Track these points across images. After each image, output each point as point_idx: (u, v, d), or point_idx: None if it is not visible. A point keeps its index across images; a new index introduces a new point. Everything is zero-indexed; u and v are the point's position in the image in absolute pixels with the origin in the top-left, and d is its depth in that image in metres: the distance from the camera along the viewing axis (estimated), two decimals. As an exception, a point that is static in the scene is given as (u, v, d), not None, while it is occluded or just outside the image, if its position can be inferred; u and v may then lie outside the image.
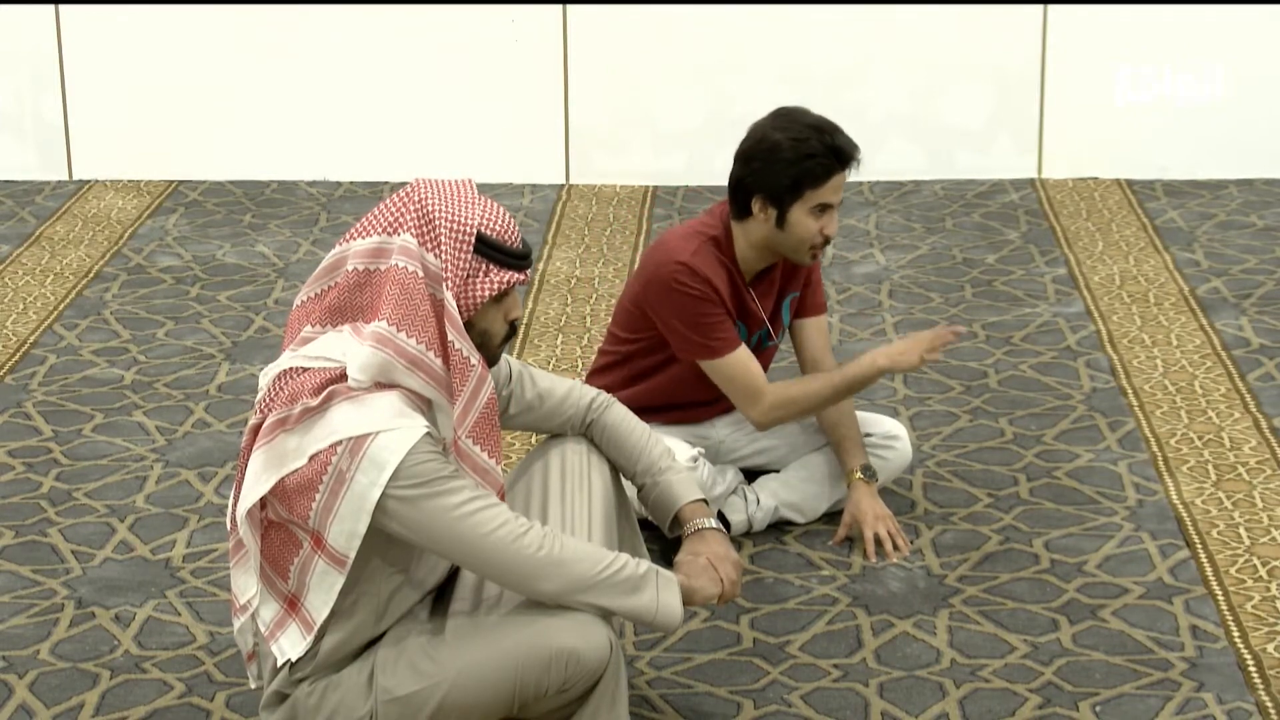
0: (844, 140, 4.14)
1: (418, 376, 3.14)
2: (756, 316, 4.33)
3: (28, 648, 3.94)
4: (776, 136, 4.14)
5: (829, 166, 4.13)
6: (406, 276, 3.14)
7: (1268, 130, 7.03)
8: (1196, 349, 5.43)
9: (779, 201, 4.15)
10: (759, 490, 4.41)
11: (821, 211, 4.16)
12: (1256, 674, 3.76)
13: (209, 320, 5.82)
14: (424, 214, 3.17)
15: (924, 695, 3.72)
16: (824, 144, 4.12)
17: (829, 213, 4.17)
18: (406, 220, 3.17)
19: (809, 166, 4.12)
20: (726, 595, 3.39)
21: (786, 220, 4.17)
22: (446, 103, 7.13)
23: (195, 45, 7.12)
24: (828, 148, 4.12)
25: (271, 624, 3.26)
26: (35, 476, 4.75)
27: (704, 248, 4.23)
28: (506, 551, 3.15)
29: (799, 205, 4.15)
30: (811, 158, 4.11)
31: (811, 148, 4.11)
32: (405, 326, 3.12)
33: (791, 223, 4.17)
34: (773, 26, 6.99)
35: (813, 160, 4.12)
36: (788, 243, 4.20)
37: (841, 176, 4.16)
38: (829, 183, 4.14)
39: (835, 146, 4.12)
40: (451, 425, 3.19)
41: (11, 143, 7.27)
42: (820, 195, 4.14)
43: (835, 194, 4.16)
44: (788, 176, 4.13)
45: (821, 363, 4.41)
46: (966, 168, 7.11)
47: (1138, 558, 4.25)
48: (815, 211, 4.16)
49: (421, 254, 3.15)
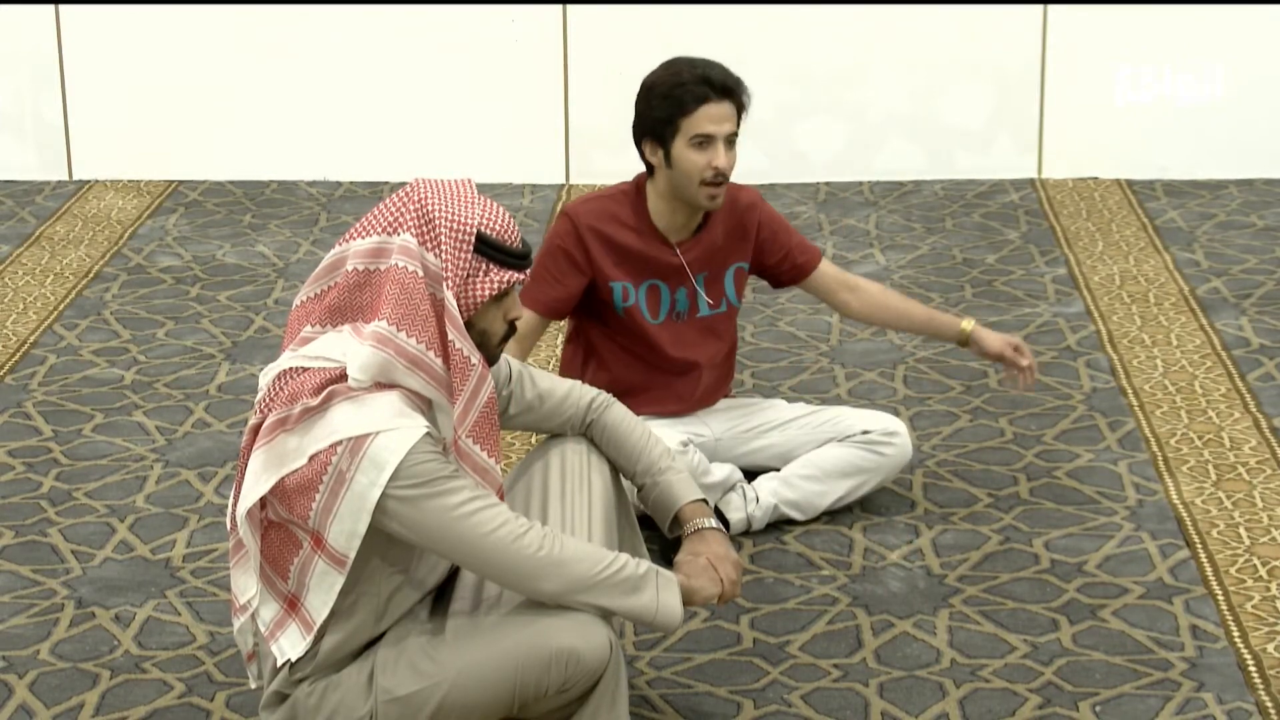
0: (717, 73, 4.19)
1: (418, 376, 3.14)
2: (677, 270, 4.33)
3: (28, 648, 3.94)
4: (653, 78, 4.24)
5: (700, 94, 4.16)
6: (406, 276, 3.14)
7: (1268, 130, 7.03)
8: (1196, 349, 5.43)
9: (661, 140, 4.21)
10: (758, 488, 4.41)
11: (704, 143, 4.18)
12: (1256, 674, 3.76)
13: (209, 320, 5.82)
14: (424, 214, 3.17)
15: (924, 695, 3.72)
16: (693, 74, 4.17)
17: (712, 144, 4.18)
18: (406, 220, 3.17)
19: (678, 95, 4.17)
20: (726, 595, 3.39)
21: (672, 158, 4.22)
22: (446, 103, 7.13)
23: (195, 45, 7.12)
24: (697, 77, 4.16)
25: (271, 624, 3.26)
26: (35, 476, 4.75)
27: (604, 197, 4.33)
28: (506, 551, 3.15)
29: (679, 140, 4.19)
30: (680, 86, 4.17)
31: (681, 79, 4.17)
32: (405, 326, 3.12)
33: (676, 158, 4.21)
34: (773, 26, 6.99)
35: (682, 88, 4.17)
36: (679, 182, 4.24)
37: (719, 108, 4.17)
38: (701, 110, 4.17)
39: (704, 77, 4.17)
40: (452, 425, 3.19)
41: (11, 143, 7.27)
42: (695, 125, 4.17)
43: (715, 124, 4.18)
44: (662, 111, 4.19)
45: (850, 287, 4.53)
46: (966, 168, 7.11)
47: (1138, 558, 4.25)
48: (696, 144, 4.19)
49: (422, 254, 3.15)
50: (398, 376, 3.13)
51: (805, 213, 6.79)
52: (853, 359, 5.43)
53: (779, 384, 5.26)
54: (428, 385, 3.15)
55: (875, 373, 5.33)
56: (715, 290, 4.39)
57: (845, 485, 4.42)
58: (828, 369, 5.35)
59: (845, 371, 5.34)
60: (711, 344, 4.42)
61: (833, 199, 6.94)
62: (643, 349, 4.36)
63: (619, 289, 4.30)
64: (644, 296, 4.33)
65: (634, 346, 4.36)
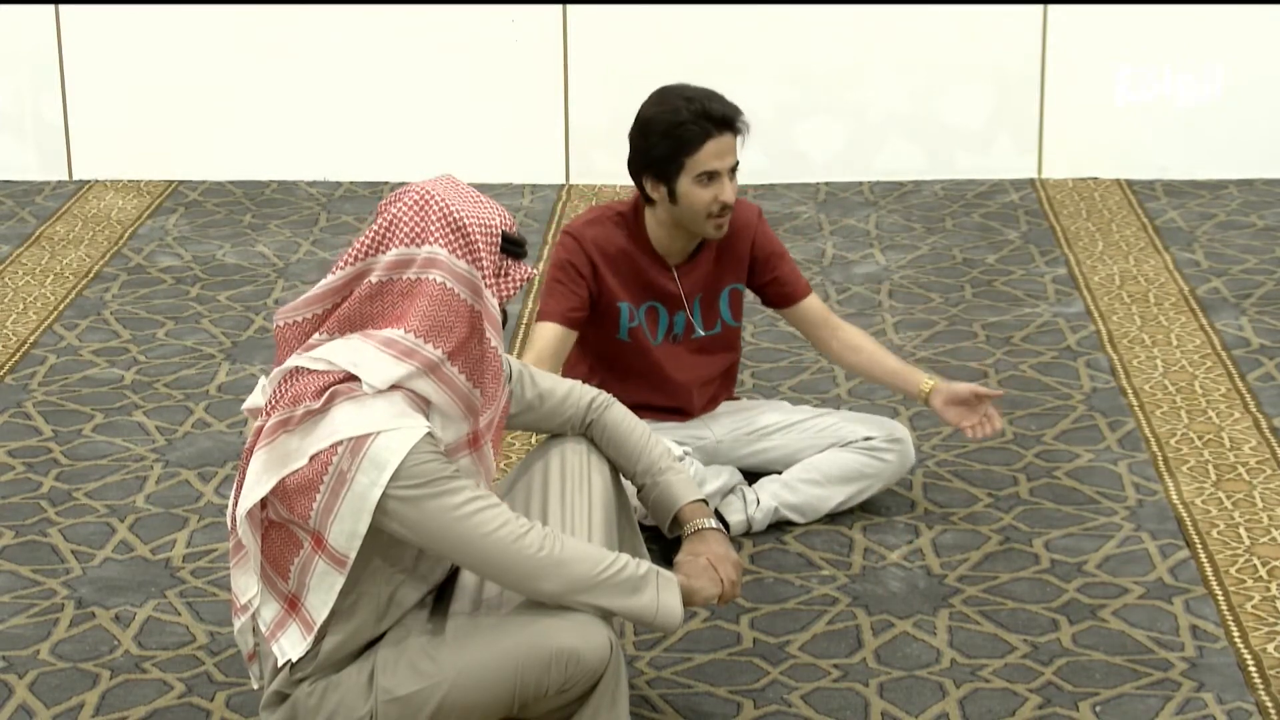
0: (716, 106, 4.15)
1: (435, 384, 3.13)
2: (674, 297, 4.34)
3: (28, 648, 3.94)
4: (649, 113, 4.20)
5: (701, 132, 4.13)
6: (434, 287, 3.12)
7: (1268, 130, 7.03)
8: (1196, 349, 5.43)
9: (665, 177, 4.18)
10: (759, 491, 4.41)
11: (710, 179, 4.16)
12: (1256, 674, 3.76)
13: (209, 320, 5.82)
14: (452, 222, 3.14)
15: (924, 695, 3.72)
16: (692, 111, 4.13)
17: (719, 179, 4.16)
18: (431, 230, 3.14)
19: (680, 135, 4.14)
20: (726, 596, 3.39)
21: (676, 194, 4.19)
22: (446, 103, 7.13)
23: (195, 45, 7.12)
24: (696, 114, 4.13)
25: (272, 624, 3.26)
26: (35, 476, 4.75)
27: (604, 220, 4.30)
28: (507, 551, 3.15)
29: (684, 177, 4.17)
30: (680, 125, 4.13)
31: (680, 116, 4.14)
32: (433, 338, 3.12)
33: (681, 195, 4.19)
34: (773, 26, 6.99)
35: (682, 127, 4.14)
36: (686, 216, 4.22)
37: (721, 141, 4.15)
38: (705, 148, 4.14)
39: (704, 112, 4.13)
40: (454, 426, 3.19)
41: (11, 143, 7.27)
42: (700, 163, 4.15)
43: (719, 159, 4.16)
44: (664, 150, 4.16)
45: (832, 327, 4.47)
46: (966, 168, 7.11)
47: (1138, 558, 4.25)
48: (702, 180, 4.16)
49: (452, 262, 3.14)
50: (413, 383, 3.13)
51: (805, 213, 6.79)
52: (853, 359, 5.43)
53: (779, 384, 5.26)
54: (438, 389, 3.14)
55: (875, 373, 5.33)
56: (710, 314, 4.40)
57: (847, 490, 4.42)
58: (828, 369, 5.35)
59: (845, 372, 5.33)
60: (706, 364, 4.43)
61: (833, 199, 6.94)
62: (643, 368, 4.36)
63: (625, 310, 4.30)
64: (644, 318, 4.34)
65: (634, 365, 4.35)
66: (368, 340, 3.14)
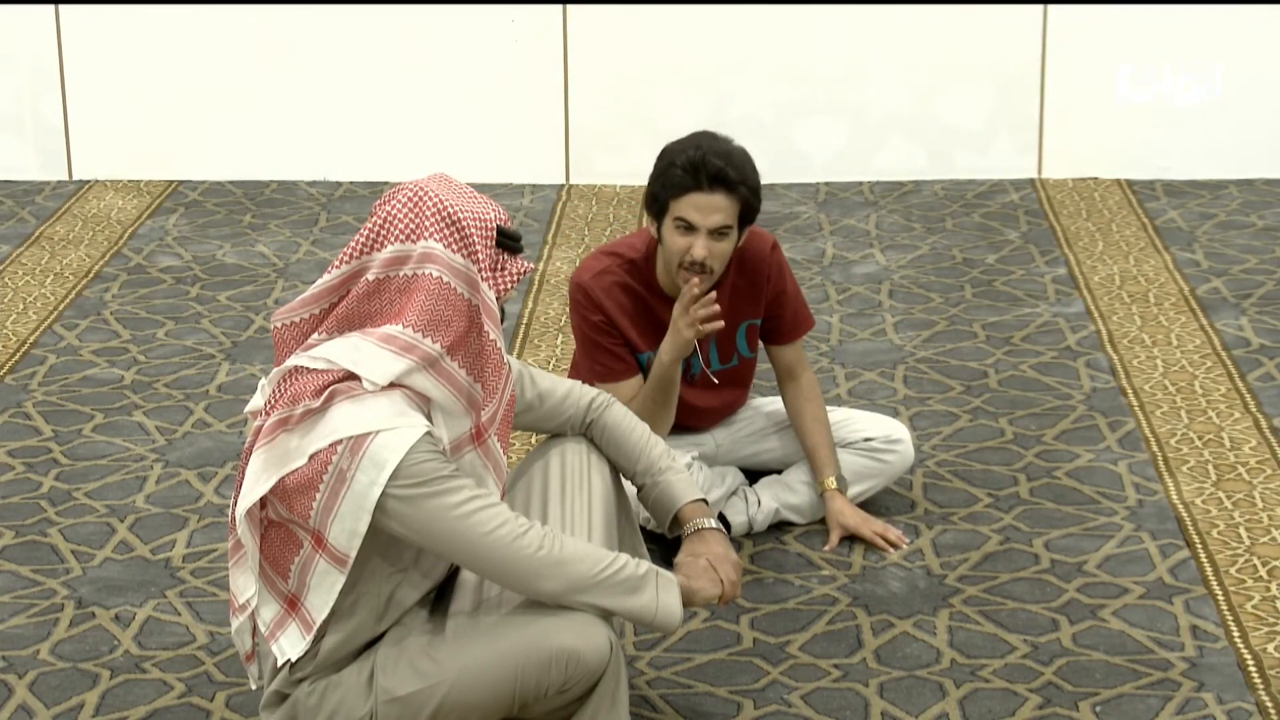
0: (715, 162, 4.01)
1: (435, 380, 3.14)
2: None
3: (28, 648, 3.94)
4: (665, 149, 4.11)
5: (683, 182, 4.02)
6: (431, 282, 3.13)
7: (1268, 130, 7.03)
8: (1196, 349, 5.43)
9: (655, 215, 4.13)
10: (760, 492, 4.41)
11: (686, 230, 4.06)
12: (1256, 674, 3.76)
13: (209, 320, 5.82)
14: (448, 217, 3.15)
15: (924, 695, 3.72)
16: (688, 158, 4.03)
17: (694, 234, 4.04)
18: (427, 226, 3.15)
19: (668, 175, 4.05)
20: (726, 596, 3.39)
21: (661, 235, 4.12)
22: (446, 103, 7.13)
23: (195, 45, 7.12)
24: (689, 161, 4.02)
25: (271, 624, 3.26)
26: (35, 476, 4.75)
27: (612, 269, 4.21)
28: (506, 551, 3.15)
29: (667, 219, 4.08)
30: (672, 167, 4.05)
31: (678, 160, 4.05)
32: (431, 332, 3.12)
33: (663, 237, 4.12)
34: (773, 26, 6.99)
35: (672, 169, 4.05)
36: (666, 258, 4.15)
37: (707, 197, 4.02)
38: (685, 198, 4.03)
39: (699, 163, 4.01)
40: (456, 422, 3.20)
41: (11, 143, 7.27)
42: (679, 209, 4.04)
43: (699, 213, 4.03)
44: (655, 186, 4.10)
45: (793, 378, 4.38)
46: (966, 168, 7.11)
47: (1138, 558, 4.25)
48: (679, 227, 4.06)
49: (449, 258, 3.14)
50: (414, 381, 3.13)
51: (805, 213, 6.79)
52: (853, 359, 5.43)
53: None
54: (438, 386, 3.14)
55: (875, 372, 5.33)
56: (727, 349, 4.35)
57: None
58: (828, 369, 5.35)
59: (845, 371, 5.34)
60: (724, 395, 4.41)
61: (833, 199, 6.94)
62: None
63: (645, 360, 4.26)
64: None
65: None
66: (366, 338, 3.14)
